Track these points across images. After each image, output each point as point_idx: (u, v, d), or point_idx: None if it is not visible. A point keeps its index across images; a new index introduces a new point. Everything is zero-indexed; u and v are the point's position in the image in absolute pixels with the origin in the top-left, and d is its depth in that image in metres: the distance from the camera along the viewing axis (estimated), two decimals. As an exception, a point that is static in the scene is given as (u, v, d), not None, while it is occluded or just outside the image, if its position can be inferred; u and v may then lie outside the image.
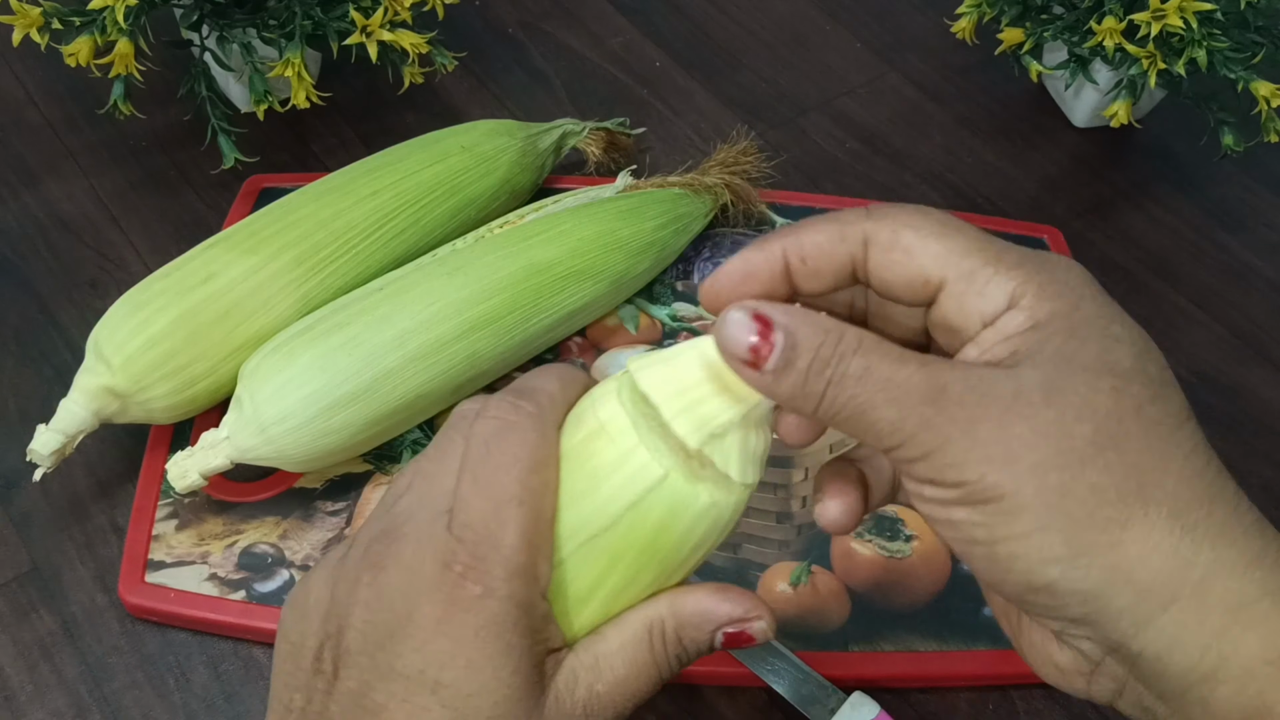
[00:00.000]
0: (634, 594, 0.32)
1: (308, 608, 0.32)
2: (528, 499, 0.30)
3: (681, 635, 0.32)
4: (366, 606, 0.30)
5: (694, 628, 0.32)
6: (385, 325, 0.46)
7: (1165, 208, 0.64)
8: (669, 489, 0.30)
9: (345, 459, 0.48)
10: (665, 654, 0.32)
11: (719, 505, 0.30)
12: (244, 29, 0.56)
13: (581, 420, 0.31)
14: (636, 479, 0.30)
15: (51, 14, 0.53)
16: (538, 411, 0.31)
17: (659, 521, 0.30)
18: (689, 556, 0.31)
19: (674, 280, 0.57)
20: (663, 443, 0.30)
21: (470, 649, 0.29)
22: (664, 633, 0.32)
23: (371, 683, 0.29)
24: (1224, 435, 0.54)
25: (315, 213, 0.50)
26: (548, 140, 0.58)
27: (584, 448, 0.31)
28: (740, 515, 0.32)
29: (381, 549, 0.30)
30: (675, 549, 0.31)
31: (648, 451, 0.30)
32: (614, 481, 0.30)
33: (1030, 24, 0.62)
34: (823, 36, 0.72)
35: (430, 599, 0.29)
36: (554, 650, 0.31)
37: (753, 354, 0.27)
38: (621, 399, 0.31)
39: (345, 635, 0.30)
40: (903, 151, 0.65)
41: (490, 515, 0.29)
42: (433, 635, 0.29)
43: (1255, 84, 0.56)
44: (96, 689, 0.44)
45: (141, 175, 0.61)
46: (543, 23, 0.71)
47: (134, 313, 0.47)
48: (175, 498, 0.48)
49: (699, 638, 0.32)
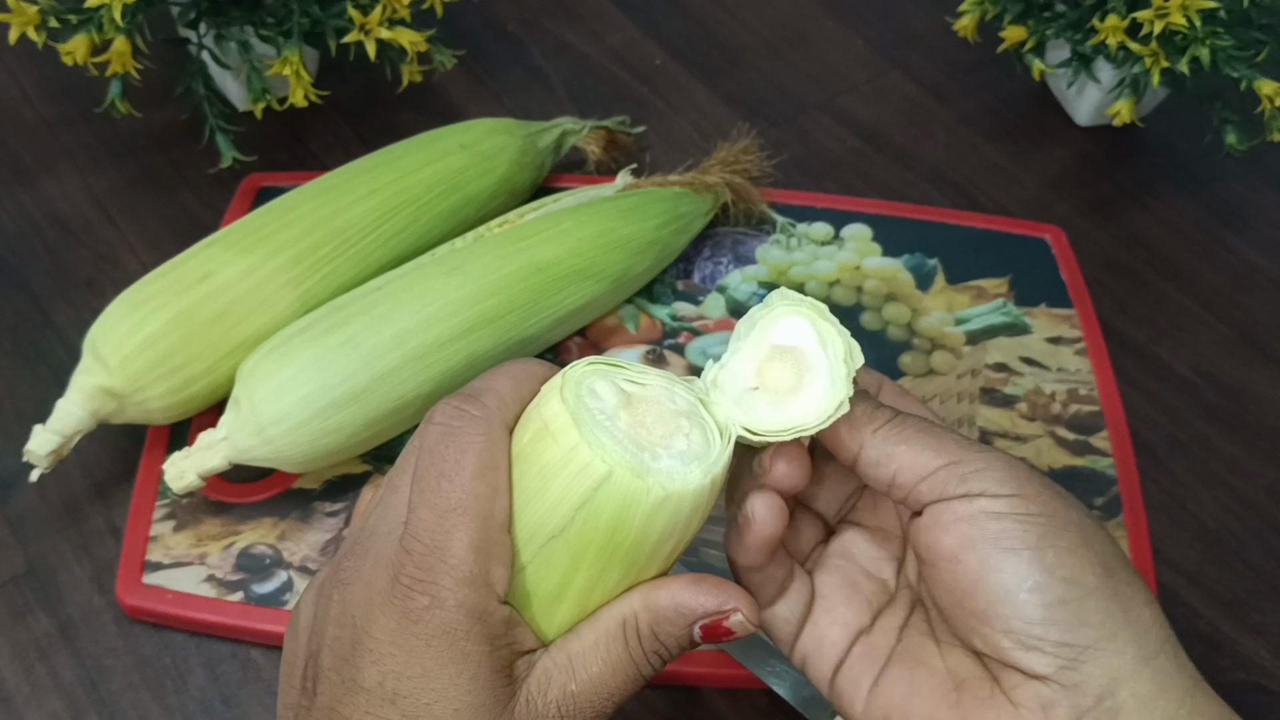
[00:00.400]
0: (605, 590, 0.31)
1: (299, 627, 0.32)
2: (473, 505, 0.30)
3: (656, 630, 0.31)
4: (335, 623, 0.30)
5: (669, 622, 0.31)
6: (384, 325, 0.46)
7: (1169, 207, 0.63)
8: (617, 485, 0.29)
9: (343, 459, 0.48)
10: (641, 649, 0.31)
11: (675, 496, 0.30)
12: (241, 27, 0.56)
13: (529, 420, 0.31)
14: (581, 477, 0.29)
15: (48, 12, 0.53)
16: (484, 414, 0.31)
17: (612, 518, 0.30)
18: (656, 550, 0.31)
19: (674, 280, 0.57)
20: (608, 438, 0.29)
21: (424, 658, 0.29)
22: (638, 628, 0.31)
23: (340, 697, 0.30)
24: (1228, 436, 0.54)
25: (313, 212, 0.50)
26: (547, 139, 0.58)
27: (531, 448, 0.30)
28: (711, 501, 0.31)
29: (349, 565, 0.31)
30: (637, 545, 0.30)
31: (590, 449, 0.29)
32: (560, 481, 0.30)
33: (1033, 22, 0.61)
34: (824, 34, 0.71)
35: (383, 611, 0.29)
36: (526, 652, 0.31)
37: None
38: (564, 396, 0.30)
39: (320, 653, 0.31)
40: (905, 150, 0.65)
41: (436, 525, 0.29)
42: (387, 647, 0.29)
43: (1258, 82, 0.56)
44: (93, 691, 0.44)
45: (138, 174, 0.61)
46: (542, 20, 0.71)
47: (131, 312, 0.46)
48: (173, 498, 0.48)
49: (675, 632, 0.31)
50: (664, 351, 0.54)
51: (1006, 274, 0.58)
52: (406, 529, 0.30)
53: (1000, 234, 0.60)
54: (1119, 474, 0.51)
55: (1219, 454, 0.53)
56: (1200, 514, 0.51)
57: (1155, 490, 0.52)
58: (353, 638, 0.30)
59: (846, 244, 0.58)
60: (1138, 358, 0.56)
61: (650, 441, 0.30)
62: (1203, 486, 0.52)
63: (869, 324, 0.55)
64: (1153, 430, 0.54)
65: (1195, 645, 0.47)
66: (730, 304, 0.56)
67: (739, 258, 0.58)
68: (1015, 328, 0.56)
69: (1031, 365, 0.54)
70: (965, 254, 0.58)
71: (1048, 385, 0.54)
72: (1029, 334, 0.55)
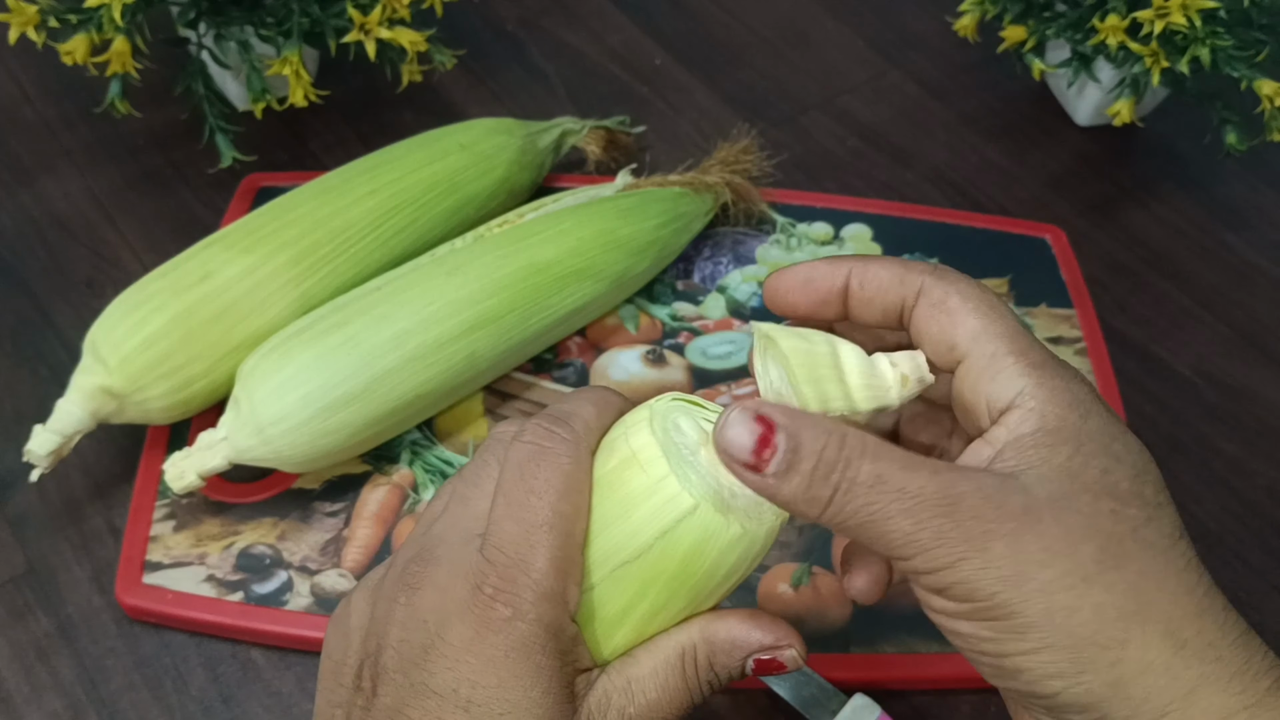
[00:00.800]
0: (665, 619, 0.32)
1: (349, 627, 0.33)
2: (559, 524, 0.30)
3: (713, 661, 0.32)
4: (402, 626, 0.31)
5: (725, 654, 0.32)
6: (383, 325, 0.46)
7: (1169, 207, 0.63)
8: (700, 519, 0.30)
9: (343, 459, 0.48)
10: (697, 679, 0.32)
11: (750, 535, 0.30)
12: (241, 27, 0.56)
13: (614, 448, 0.32)
14: (667, 508, 0.30)
15: (48, 11, 0.53)
16: (573, 438, 0.32)
17: (689, 550, 0.30)
18: (721, 584, 0.31)
19: (674, 279, 0.57)
20: (693, 473, 0.30)
21: (500, 669, 0.29)
22: (695, 658, 0.32)
23: (407, 699, 0.30)
24: (1229, 436, 0.54)
25: (313, 212, 0.50)
26: (547, 139, 0.58)
27: (616, 475, 0.31)
28: (773, 542, 0.32)
29: (417, 570, 0.31)
30: (706, 577, 0.31)
31: (678, 482, 0.30)
32: (645, 510, 0.30)
33: (1033, 22, 0.61)
34: (824, 34, 0.71)
35: (461, 619, 0.30)
36: (584, 670, 0.31)
37: (754, 457, 0.28)
38: (654, 427, 0.31)
39: (383, 654, 0.31)
40: (905, 150, 0.65)
41: (521, 539, 0.30)
42: (464, 655, 0.30)
43: (1259, 82, 0.56)
44: (93, 691, 0.44)
45: (138, 174, 0.61)
46: (542, 20, 0.71)
47: (131, 312, 0.46)
48: (172, 499, 0.48)
49: (730, 664, 0.32)
50: (664, 351, 0.54)
51: (1006, 274, 0.58)
52: (488, 540, 0.30)
53: (1000, 234, 0.60)
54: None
55: (1219, 454, 0.53)
56: (1200, 514, 0.51)
57: (1155, 490, 0.52)
58: (424, 642, 0.30)
59: (846, 244, 0.58)
60: (1138, 358, 0.56)
61: (729, 481, 0.30)
62: (1203, 486, 0.52)
63: (869, 324, 0.55)
64: (1153, 430, 0.54)
65: (1195, 645, 0.47)
66: (730, 304, 0.56)
67: (739, 258, 0.58)
68: (1015, 328, 0.56)
69: (1031, 365, 0.54)
70: (965, 254, 0.58)
71: (1048, 385, 0.54)
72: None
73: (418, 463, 0.49)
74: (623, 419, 0.33)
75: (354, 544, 0.47)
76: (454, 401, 0.50)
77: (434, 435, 0.50)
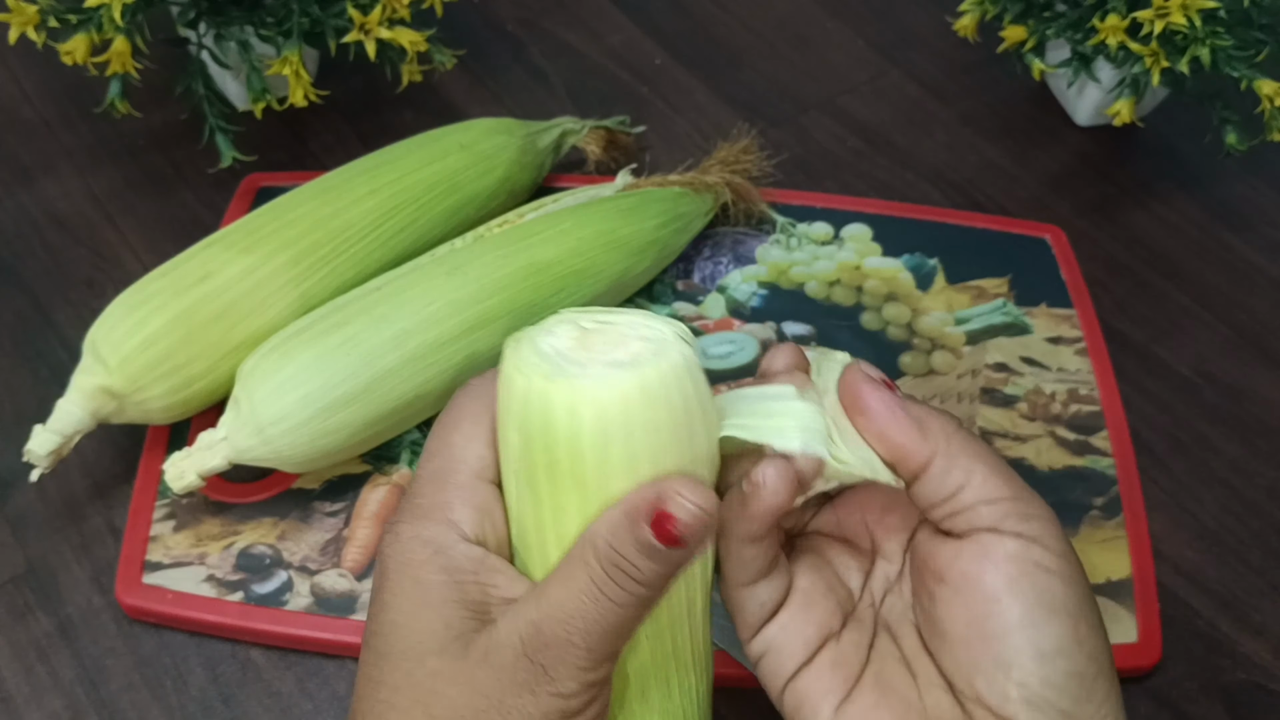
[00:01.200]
0: (578, 523, 0.30)
1: None
2: (440, 450, 0.32)
3: (611, 540, 0.29)
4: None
5: (620, 528, 0.29)
6: (383, 325, 0.46)
7: (1169, 207, 0.63)
8: (535, 395, 0.29)
9: (343, 459, 0.48)
10: (600, 566, 0.29)
11: (591, 399, 0.28)
12: (241, 27, 0.56)
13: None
14: (510, 399, 0.30)
15: (48, 11, 0.53)
16: (482, 379, 0.34)
17: (539, 431, 0.29)
18: (602, 463, 0.29)
19: (674, 279, 0.57)
20: (538, 359, 0.29)
21: (390, 585, 0.31)
22: (594, 543, 0.29)
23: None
24: (1228, 436, 0.54)
25: (313, 212, 0.50)
26: (547, 139, 0.58)
27: (500, 403, 0.31)
28: (674, 420, 0.29)
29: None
30: (573, 457, 0.29)
31: (519, 373, 0.29)
32: (504, 415, 0.30)
33: (1033, 21, 0.61)
34: (824, 34, 0.71)
35: (379, 555, 0.32)
36: (511, 601, 0.30)
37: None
38: (513, 340, 0.31)
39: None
40: (905, 150, 0.65)
41: (416, 477, 0.33)
42: (375, 580, 0.32)
43: (1259, 82, 0.56)
44: (93, 691, 0.44)
45: (138, 174, 0.61)
46: (542, 20, 0.71)
47: (131, 312, 0.46)
48: (172, 499, 0.48)
49: (626, 537, 0.29)
50: (664, 351, 0.54)
51: (1006, 274, 0.58)
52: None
53: (1000, 234, 0.60)
54: (1119, 474, 0.51)
55: (1219, 454, 0.53)
56: (1200, 514, 0.51)
57: (1155, 490, 0.52)
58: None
59: (846, 244, 0.58)
60: (1138, 357, 0.56)
61: (587, 358, 0.29)
62: (1203, 486, 0.52)
63: (869, 324, 0.55)
64: (1153, 430, 0.54)
65: (1195, 645, 0.47)
66: (730, 304, 0.56)
67: (739, 257, 0.58)
68: (1015, 328, 0.56)
69: (1032, 365, 0.54)
70: (965, 254, 0.58)
71: (1048, 385, 0.54)
72: (1029, 334, 0.55)
73: (418, 463, 0.49)
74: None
75: (354, 544, 0.47)
76: (454, 401, 0.50)
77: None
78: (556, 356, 0.29)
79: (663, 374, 0.29)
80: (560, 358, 0.29)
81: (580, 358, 0.29)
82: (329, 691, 0.45)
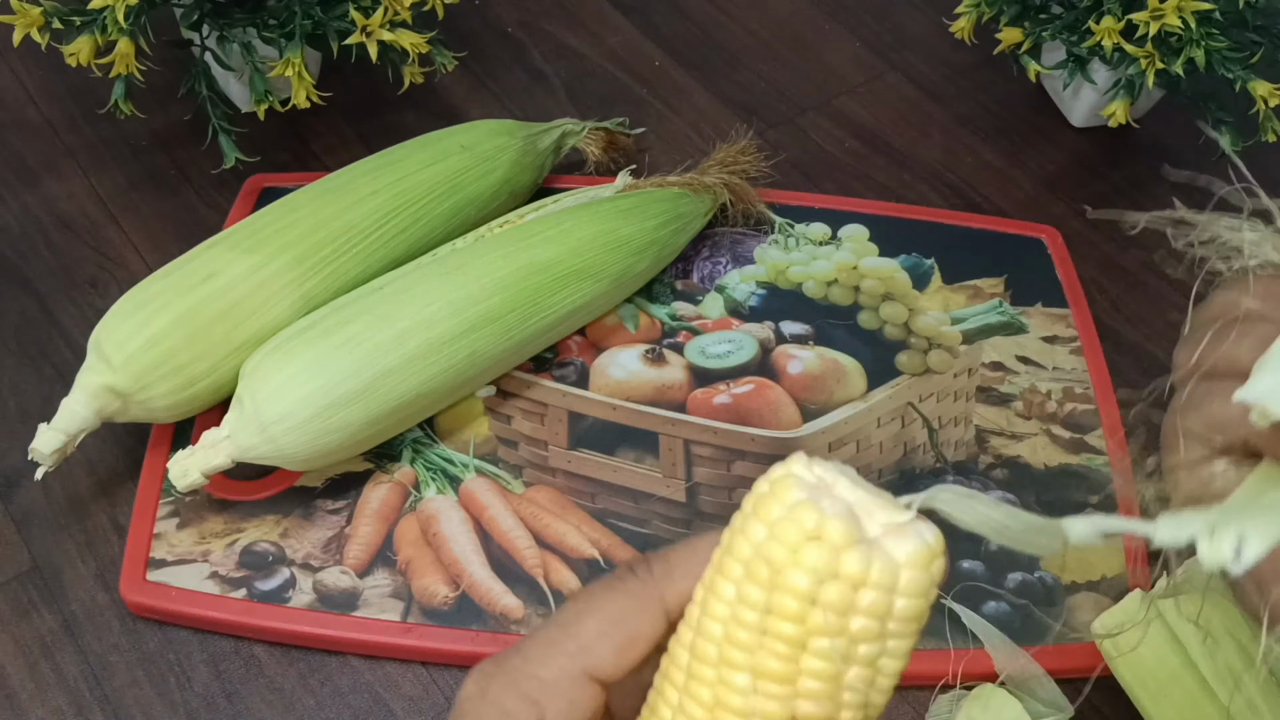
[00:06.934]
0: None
1: None
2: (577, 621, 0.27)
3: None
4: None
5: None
6: (385, 324, 0.47)
7: (1164, 207, 0.64)
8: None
9: (345, 458, 0.48)
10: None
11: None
12: (244, 28, 0.56)
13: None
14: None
15: (52, 14, 0.54)
16: (641, 578, 0.28)
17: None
18: None
19: (673, 279, 0.57)
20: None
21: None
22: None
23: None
24: (1222, 434, 0.54)
25: (315, 212, 0.50)
26: (547, 140, 0.59)
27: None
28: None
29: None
30: None
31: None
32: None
33: (1029, 24, 0.62)
34: (822, 36, 0.72)
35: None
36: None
37: None
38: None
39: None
40: (902, 151, 0.65)
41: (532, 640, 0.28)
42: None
43: (1253, 83, 0.57)
44: (97, 687, 0.44)
45: (142, 175, 0.61)
46: (542, 22, 0.71)
47: (135, 312, 0.47)
48: (176, 496, 0.48)
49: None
50: (663, 350, 0.54)
51: (1002, 274, 0.58)
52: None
53: (996, 234, 0.60)
54: (1114, 472, 0.51)
55: (1213, 452, 0.53)
56: (1194, 512, 0.51)
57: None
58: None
59: (844, 244, 0.59)
60: (1133, 357, 0.57)
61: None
62: (1197, 484, 0.52)
63: (866, 323, 0.56)
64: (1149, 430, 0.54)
65: (1189, 641, 0.47)
66: (728, 303, 0.56)
67: (737, 258, 0.58)
68: (1011, 327, 0.56)
69: (1027, 364, 0.55)
70: (962, 254, 0.59)
71: (1043, 384, 0.54)
72: (1025, 333, 0.56)
73: (419, 461, 0.50)
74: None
75: (356, 541, 0.47)
76: (455, 400, 0.51)
77: (435, 434, 0.51)
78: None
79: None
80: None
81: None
82: (331, 687, 0.45)
